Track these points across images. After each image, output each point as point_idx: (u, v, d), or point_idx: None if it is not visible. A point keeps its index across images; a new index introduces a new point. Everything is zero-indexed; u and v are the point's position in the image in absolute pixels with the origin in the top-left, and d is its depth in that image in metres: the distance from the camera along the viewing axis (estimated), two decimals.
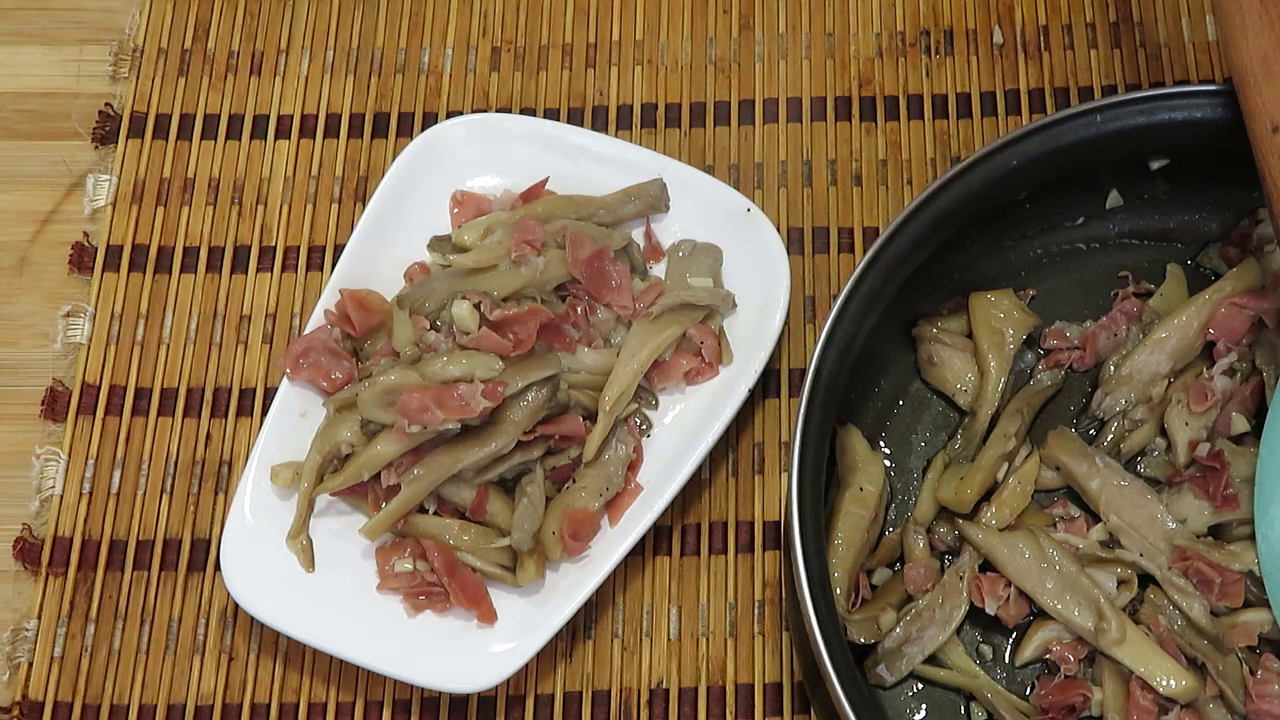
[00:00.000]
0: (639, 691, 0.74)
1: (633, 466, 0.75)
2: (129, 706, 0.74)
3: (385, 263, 0.78)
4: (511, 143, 0.81)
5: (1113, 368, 0.75)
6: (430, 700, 0.74)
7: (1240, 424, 0.72)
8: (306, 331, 0.76)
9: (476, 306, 0.73)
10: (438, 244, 0.79)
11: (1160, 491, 0.71)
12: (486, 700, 0.74)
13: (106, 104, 0.88)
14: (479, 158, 0.81)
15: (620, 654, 0.75)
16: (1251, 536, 0.68)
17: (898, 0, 0.90)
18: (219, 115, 0.88)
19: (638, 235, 0.80)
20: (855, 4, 0.90)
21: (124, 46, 0.89)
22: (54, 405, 0.80)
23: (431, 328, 0.74)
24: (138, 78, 0.88)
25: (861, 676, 0.68)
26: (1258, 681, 0.66)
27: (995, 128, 0.86)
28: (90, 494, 0.78)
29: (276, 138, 0.87)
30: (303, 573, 0.73)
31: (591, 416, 0.75)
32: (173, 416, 0.80)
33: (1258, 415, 0.72)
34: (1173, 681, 0.67)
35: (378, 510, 0.73)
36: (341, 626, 0.71)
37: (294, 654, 0.75)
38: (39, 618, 0.76)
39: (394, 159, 0.80)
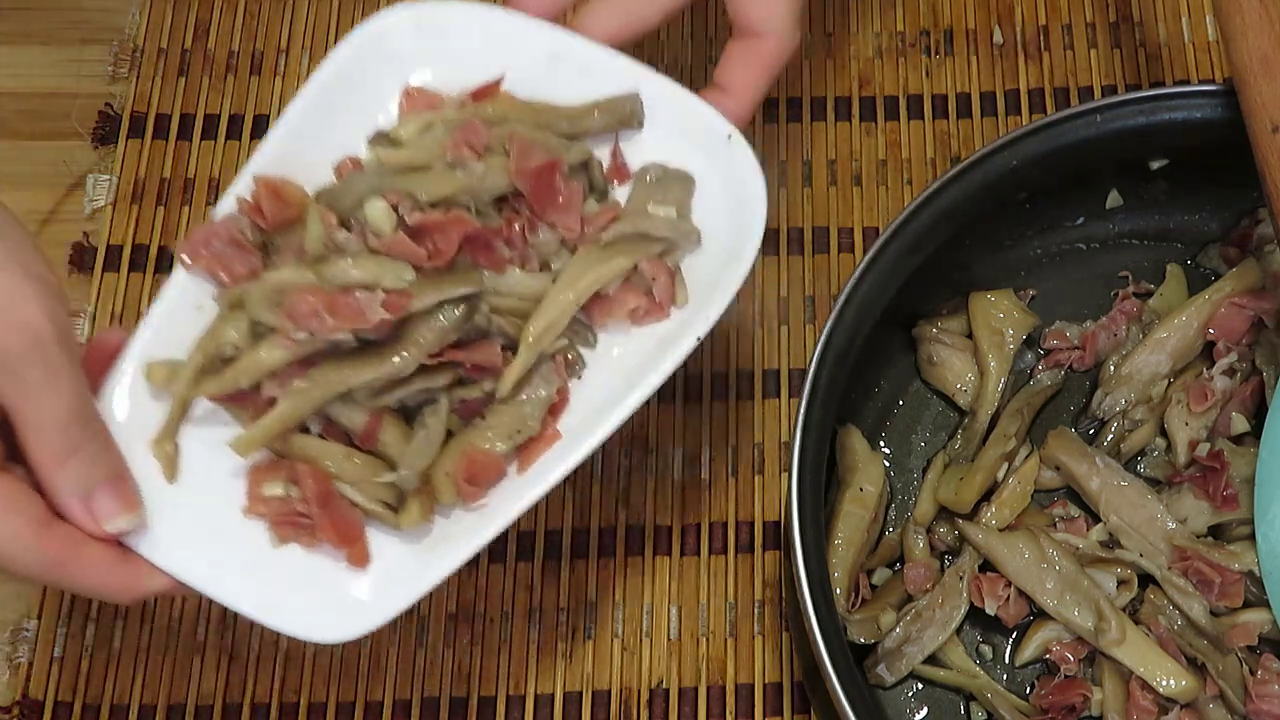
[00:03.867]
0: (639, 691, 0.74)
1: (553, 410, 0.66)
2: (129, 706, 0.74)
3: (319, 156, 0.69)
4: (472, 38, 0.71)
5: (1113, 368, 0.75)
6: (430, 700, 0.74)
7: (1240, 424, 0.72)
8: (215, 218, 0.67)
9: (395, 208, 0.65)
10: (379, 140, 0.70)
11: (1160, 491, 0.71)
12: (486, 700, 0.74)
13: (106, 104, 0.88)
14: (434, 52, 0.71)
15: (620, 654, 0.75)
16: (1251, 536, 0.68)
17: (898, 0, 0.90)
18: (219, 115, 0.88)
19: (604, 154, 0.70)
20: (855, 4, 0.90)
21: (124, 46, 0.89)
22: None
23: (342, 224, 0.65)
24: (138, 78, 0.88)
25: (861, 676, 0.68)
26: (1258, 682, 0.66)
27: (995, 128, 0.86)
28: None
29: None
30: (163, 484, 0.64)
31: (514, 348, 0.66)
32: None
33: (1258, 415, 0.72)
34: (1173, 681, 0.67)
35: (255, 422, 0.65)
36: (194, 549, 0.63)
37: (294, 654, 0.75)
38: (39, 618, 0.76)
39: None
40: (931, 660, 0.70)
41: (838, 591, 0.69)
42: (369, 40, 0.70)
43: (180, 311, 0.66)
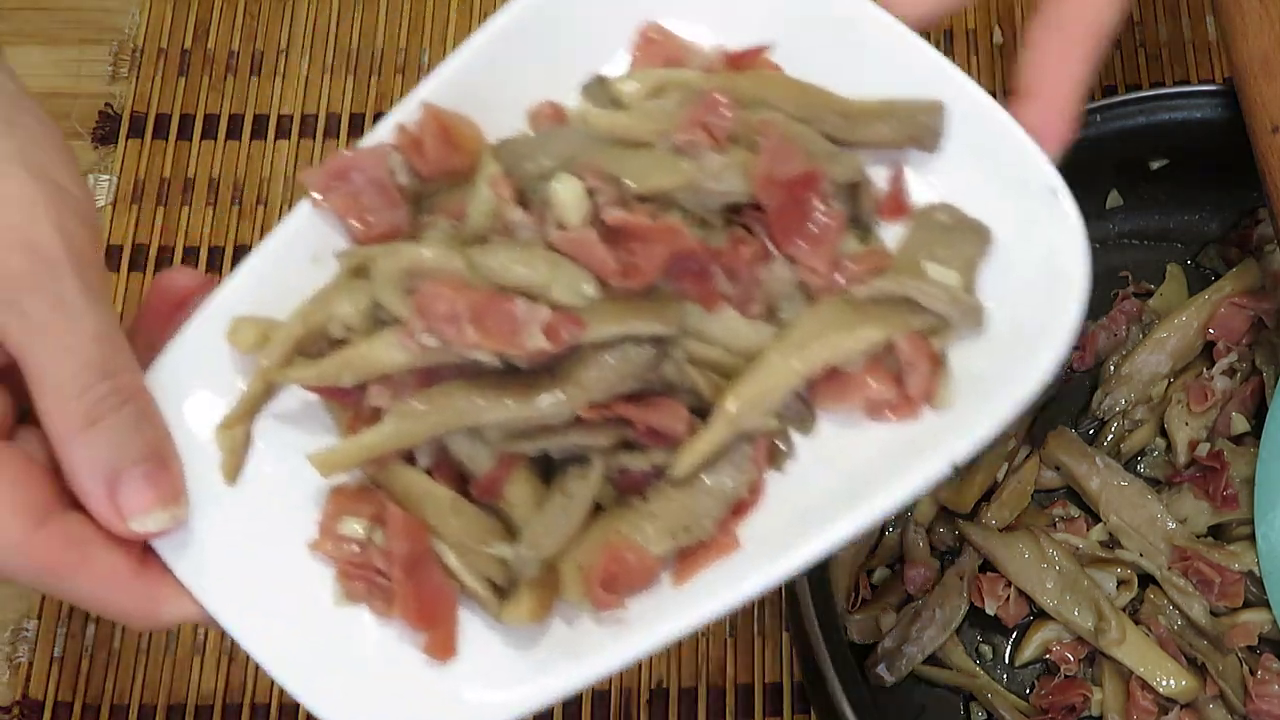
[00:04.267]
0: (639, 691, 0.74)
1: (738, 509, 0.50)
2: (129, 706, 0.74)
3: (512, 94, 0.53)
4: None
5: (1113, 368, 0.75)
6: None
7: (1240, 424, 0.72)
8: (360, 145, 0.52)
9: (591, 193, 0.48)
10: (595, 90, 0.53)
11: (1160, 491, 0.71)
12: None
13: (106, 104, 0.87)
14: None
15: None
16: (1251, 537, 0.68)
17: None
18: (219, 115, 0.87)
19: (878, 174, 0.53)
20: None
21: (124, 46, 0.89)
22: None
23: (520, 202, 0.49)
24: (137, 78, 0.88)
25: (861, 676, 0.68)
26: (1258, 682, 0.66)
27: None
28: None
29: (276, 138, 0.87)
30: (216, 484, 0.49)
31: (705, 414, 0.49)
32: None
33: (1258, 415, 0.72)
34: (1173, 681, 0.67)
35: (350, 436, 0.50)
36: (236, 580, 0.49)
37: None
38: (39, 618, 0.76)
39: None
40: (931, 660, 0.70)
41: (838, 592, 0.69)
42: None
43: (290, 260, 0.51)
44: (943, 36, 0.89)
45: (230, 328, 0.50)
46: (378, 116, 0.86)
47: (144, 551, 0.47)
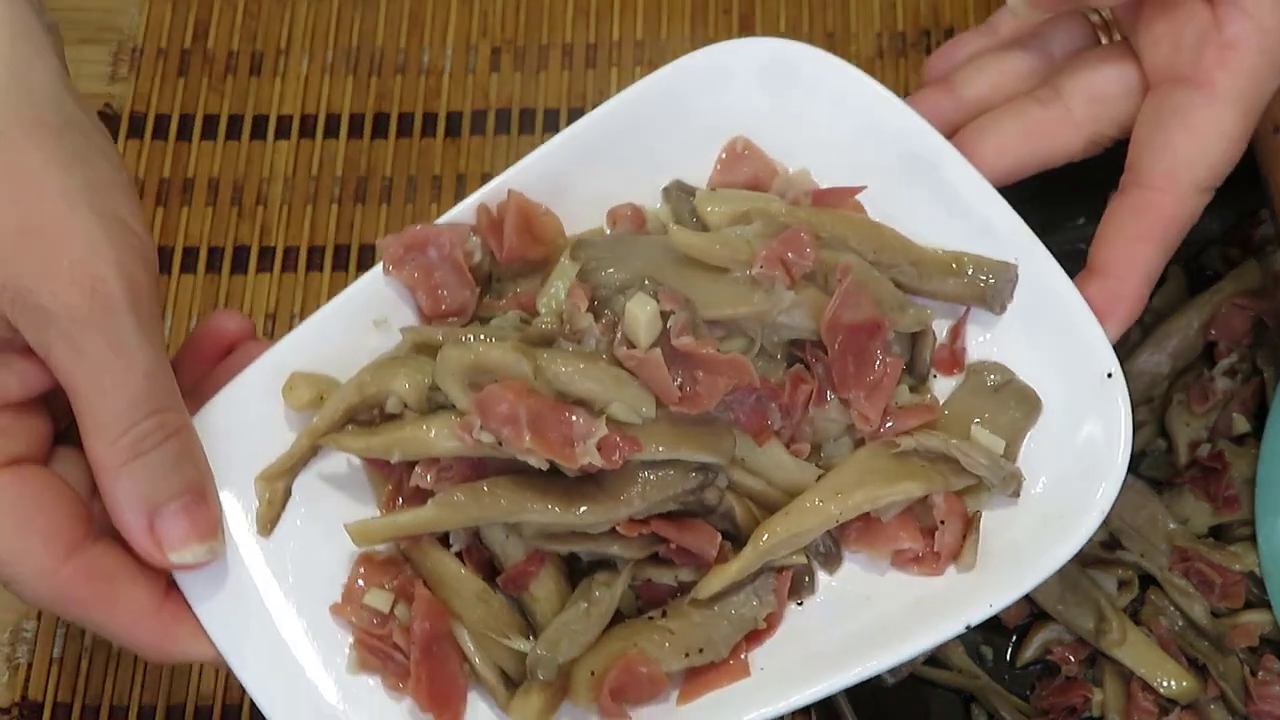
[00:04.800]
0: None
1: (752, 637, 0.51)
2: (129, 707, 0.74)
3: (594, 187, 0.55)
4: (843, 111, 0.54)
5: None
6: None
7: (1241, 425, 0.72)
8: (441, 221, 0.54)
9: (666, 315, 0.49)
10: (676, 193, 0.54)
11: (1161, 492, 0.71)
12: None
13: (106, 104, 0.87)
14: (787, 109, 0.55)
15: None
16: (1252, 537, 0.68)
17: (898, 0, 0.90)
18: (219, 115, 0.87)
19: (940, 325, 0.55)
20: (855, 4, 0.90)
21: (123, 46, 0.89)
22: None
23: (592, 308, 0.50)
24: (137, 78, 0.88)
25: None
26: (1259, 682, 0.66)
27: None
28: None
29: (276, 138, 0.87)
30: (249, 533, 0.51)
31: (737, 540, 0.51)
32: None
33: (1258, 416, 0.72)
34: (1173, 682, 0.67)
35: (387, 511, 0.52)
36: (253, 630, 0.50)
37: None
38: (38, 618, 0.76)
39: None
40: (932, 661, 0.70)
41: None
42: (706, 64, 0.55)
43: (355, 319, 0.53)
44: (944, 37, 0.89)
45: (287, 383, 0.51)
46: (378, 117, 0.87)
47: (167, 588, 0.49)
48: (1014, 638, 0.71)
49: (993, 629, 0.71)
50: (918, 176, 0.53)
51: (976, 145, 0.54)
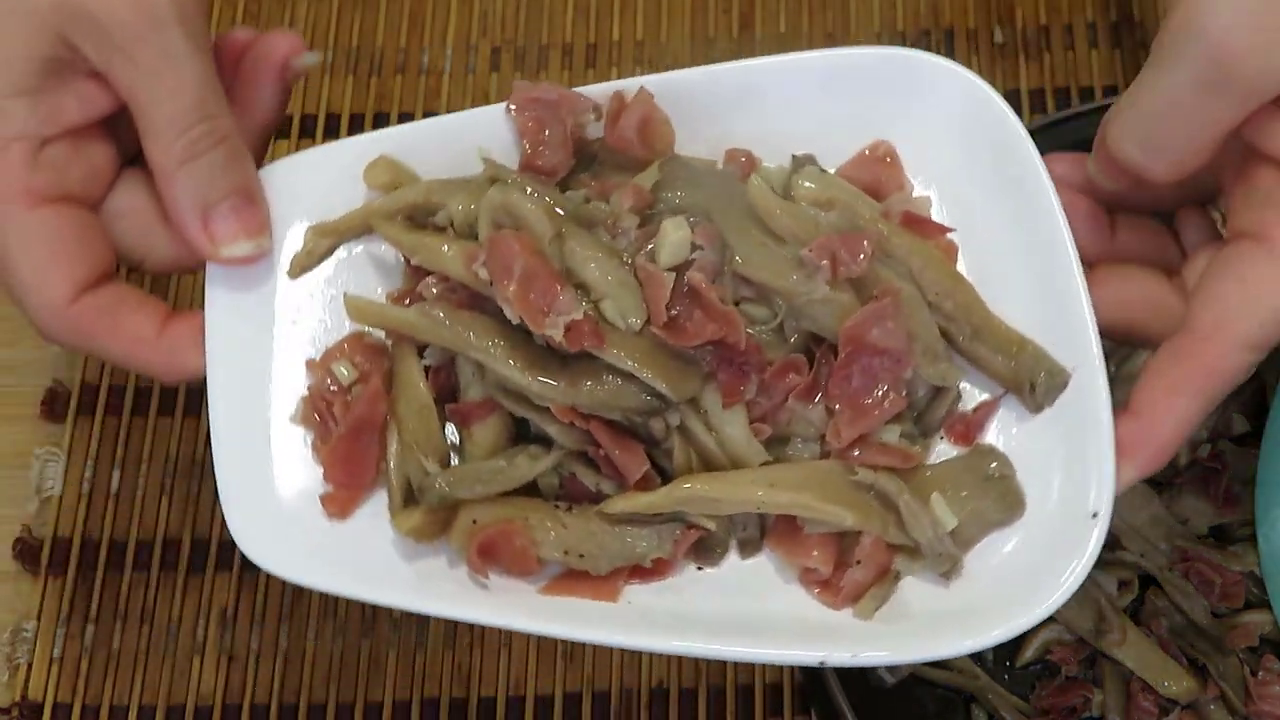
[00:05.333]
0: (639, 692, 0.74)
1: (637, 572, 0.52)
2: (129, 707, 0.74)
3: (725, 127, 0.56)
4: (998, 174, 0.54)
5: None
6: (430, 701, 0.74)
7: (1241, 424, 0.72)
8: (579, 89, 0.56)
9: (694, 247, 0.51)
10: (799, 164, 0.55)
11: (1161, 492, 0.71)
12: (486, 700, 0.74)
13: None
14: (957, 143, 0.55)
15: (620, 654, 0.75)
16: (1252, 537, 0.68)
17: (898, 0, 0.90)
18: None
19: (978, 395, 0.54)
20: (855, 4, 0.90)
21: None
22: (53, 405, 0.80)
23: (643, 215, 0.52)
24: None
25: (862, 677, 0.68)
26: (1259, 683, 0.66)
27: None
28: (90, 494, 0.78)
29: (277, 138, 0.86)
30: (281, 275, 0.55)
31: (668, 481, 0.52)
32: (173, 416, 0.80)
33: (1259, 416, 0.72)
34: (1173, 683, 0.67)
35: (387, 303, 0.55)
36: (237, 355, 0.54)
37: (294, 654, 0.75)
38: (38, 618, 0.76)
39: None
40: (932, 661, 0.70)
41: None
42: (900, 65, 0.55)
43: (462, 139, 0.55)
44: (944, 37, 0.89)
45: (373, 161, 0.55)
46: (378, 117, 0.87)
47: (167, 318, 0.53)
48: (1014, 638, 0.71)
49: None
50: (1033, 249, 0.53)
51: (1104, 283, 0.53)
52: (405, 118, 0.87)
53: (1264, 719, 0.65)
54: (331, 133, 0.86)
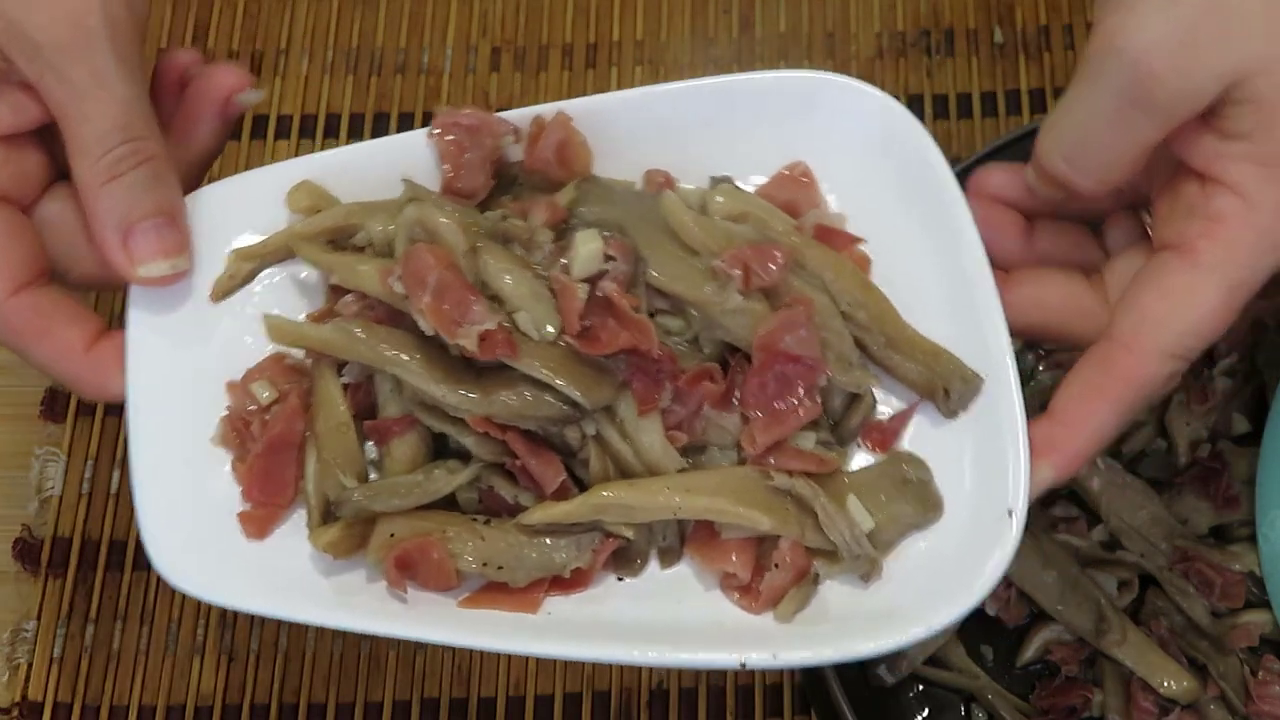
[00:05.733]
0: (639, 692, 0.74)
1: (558, 583, 0.52)
2: (129, 707, 0.74)
3: (643, 152, 0.56)
4: (909, 187, 0.55)
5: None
6: (430, 701, 0.74)
7: (1241, 424, 0.72)
8: (501, 114, 0.56)
9: (608, 259, 0.51)
10: (718, 186, 0.55)
11: (1161, 492, 0.71)
12: (486, 700, 0.74)
13: None
14: (868, 159, 0.56)
15: None
16: (1253, 537, 0.68)
17: (898, 0, 0.90)
18: None
19: (895, 403, 0.54)
20: (855, 4, 0.90)
21: None
22: (53, 406, 0.80)
23: (559, 230, 0.53)
24: None
25: (862, 677, 0.68)
26: (1259, 683, 0.66)
27: (995, 128, 0.86)
28: (90, 494, 0.78)
29: (276, 138, 0.87)
30: (203, 300, 0.54)
31: (583, 487, 0.52)
32: None
33: (1259, 416, 0.72)
34: (1173, 683, 0.67)
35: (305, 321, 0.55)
36: (158, 378, 0.53)
37: (294, 654, 0.75)
38: (38, 618, 0.76)
39: None
40: (932, 661, 0.70)
41: None
42: (806, 88, 0.56)
43: (384, 165, 0.56)
44: (944, 37, 0.89)
45: (295, 186, 0.55)
46: (378, 116, 0.87)
47: (99, 335, 0.53)
48: (1014, 638, 0.71)
49: (992, 629, 0.71)
50: (945, 259, 0.53)
51: (1019, 286, 0.54)
52: (405, 118, 0.87)
53: (1264, 719, 0.65)
54: (331, 133, 0.87)
